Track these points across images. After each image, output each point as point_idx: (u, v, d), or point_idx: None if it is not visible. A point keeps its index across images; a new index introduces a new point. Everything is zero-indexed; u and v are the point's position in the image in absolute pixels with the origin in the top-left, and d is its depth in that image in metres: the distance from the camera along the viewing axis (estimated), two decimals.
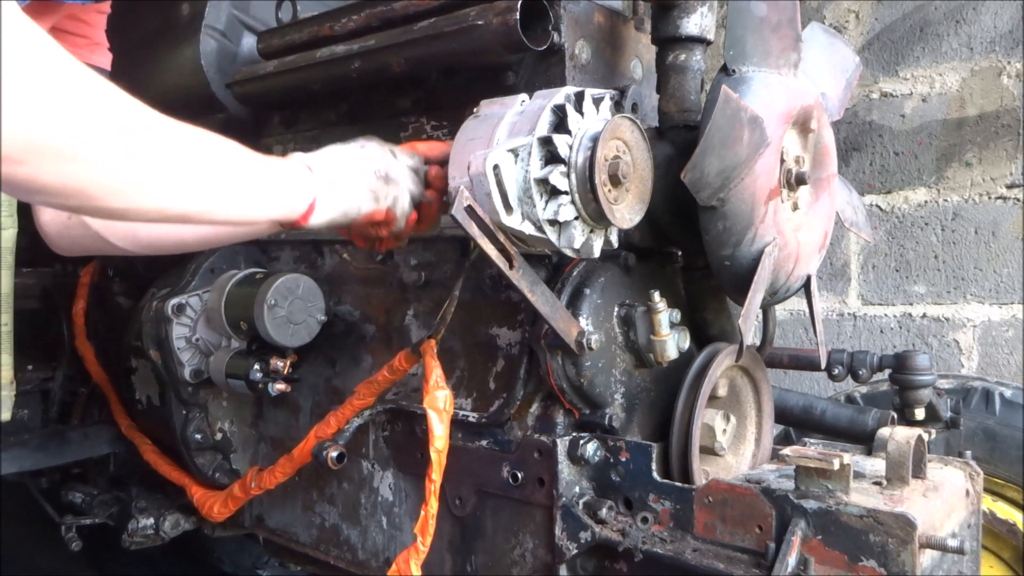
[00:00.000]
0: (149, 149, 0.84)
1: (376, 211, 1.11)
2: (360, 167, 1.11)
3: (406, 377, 1.39)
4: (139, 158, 0.83)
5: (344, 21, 1.51)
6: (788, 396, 1.57)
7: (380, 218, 1.13)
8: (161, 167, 0.85)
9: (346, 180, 1.08)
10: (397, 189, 1.13)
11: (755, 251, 1.16)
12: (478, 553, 1.34)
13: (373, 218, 1.12)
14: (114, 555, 2.53)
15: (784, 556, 0.99)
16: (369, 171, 1.11)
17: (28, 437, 1.97)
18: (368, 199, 1.10)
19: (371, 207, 1.10)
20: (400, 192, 1.13)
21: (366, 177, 1.10)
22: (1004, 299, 2.32)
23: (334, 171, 1.08)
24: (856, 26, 2.56)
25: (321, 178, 1.05)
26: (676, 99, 1.27)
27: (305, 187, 1.03)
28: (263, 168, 1.00)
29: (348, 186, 1.08)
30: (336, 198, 1.06)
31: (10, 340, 1.52)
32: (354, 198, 1.08)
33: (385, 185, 1.11)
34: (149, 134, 0.84)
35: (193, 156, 0.89)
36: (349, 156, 1.11)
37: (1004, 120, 2.31)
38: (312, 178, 1.04)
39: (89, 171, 0.79)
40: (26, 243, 1.54)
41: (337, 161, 1.09)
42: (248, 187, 0.97)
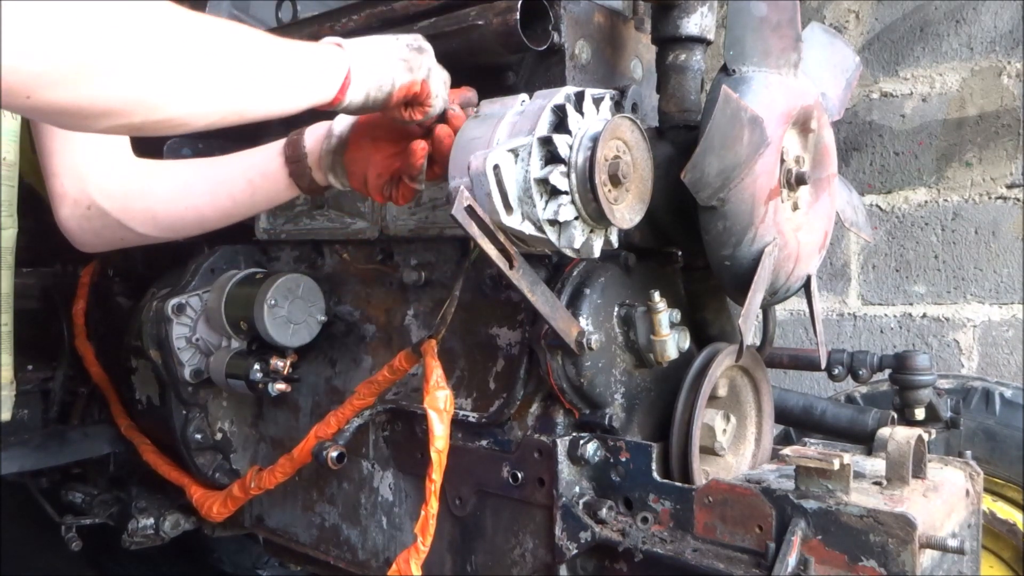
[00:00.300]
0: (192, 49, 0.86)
1: (412, 82, 1.08)
2: (391, 40, 1.10)
3: (406, 377, 1.39)
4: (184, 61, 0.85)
5: (344, 21, 1.51)
6: (788, 396, 1.57)
7: (416, 91, 1.09)
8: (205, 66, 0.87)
9: (378, 51, 1.07)
10: (430, 60, 1.11)
11: (755, 251, 1.16)
12: (478, 553, 1.34)
13: (410, 91, 1.09)
14: (114, 555, 2.53)
15: (784, 556, 0.99)
16: (400, 43, 1.10)
17: (28, 437, 1.97)
18: (402, 68, 1.07)
19: (406, 77, 1.08)
20: (433, 64, 1.11)
21: (398, 47, 1.09)
22: (1004, 299, 2.32)
23: (365, 45, 1.07)
24: (856, 26, 2.56)
25: (353, 52, 1.04)
26: (676, 99, 1.27)
27: (339, 61, 1.03)
28: (295, 49, 1.00)
29: (381, 56, 1.07)
30: (370, 69, 1.05)
31: (10, 340, 1.52)
32: (388, 68, 1.06)
33: (419, 55, 1.09)
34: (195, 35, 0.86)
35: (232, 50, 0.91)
36: (381, 37, 1.11)
37: (1004, 120, 2.31)
38: (344, 52, 1.04)
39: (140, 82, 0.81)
40: (26, 243, 1.54)
41: (368, 39, 1.09)
42: (283, 75, 0.97)
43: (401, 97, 1.09)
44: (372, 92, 1.06)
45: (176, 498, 1.90)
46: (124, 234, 1.31)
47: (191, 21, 0.87)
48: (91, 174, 1.26)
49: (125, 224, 1.29)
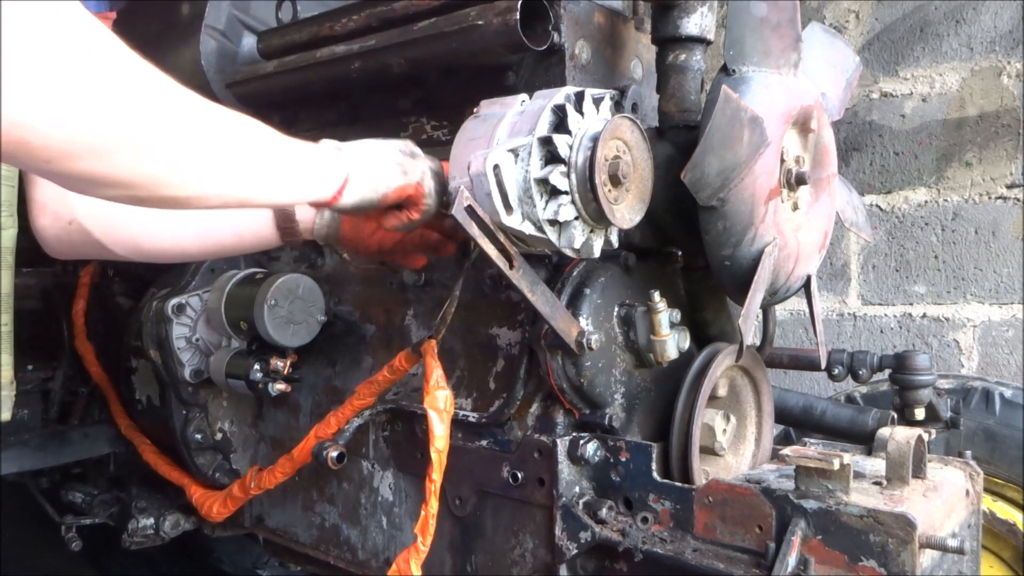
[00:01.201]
0: (212, 140, 0.89)
1: (406, 184, 1.12)
2: (386, 145, 1.14)
3: (406, 377, 1.39)
4: (204, 149, 0.88)
5: (344, 21, 1.51)
6: (788, 396, 1.57)
7: (411, 192, 1.14)
8: (221, 157, 0.90)
9: (374, 155, 1.11)
10: (424, 164, 1.15)
11: (755, 251, 1.16)
12: (478, 553, 1.34)
13: (403, 192, 1.13)
14: (114, 555, 2.53)
15: (784, 556, 0.99)
16: (394, 148, 1.14)
17: (28, 437, 1.97)
18: (397, 172, 1.12)
19: (400, 180, 1.12)
20: (426, 168, 1.15)
21: (393, 153, 1.13)
22: (1004, 299, 2.32)
23: (362, 149, 1.11)
24: (856, 26, 2.56)
25: (351, 155, 1.09)
26: (676, 99, 1.27)
27: (338, 164, 1.07)
28: (300, 149, 1.04)
29: (377, 161, 1.11)
30: (367, 173, 1.09)
31: (10, 340, 1.52)
32: (383, 172, 1.11)
33: (412, 160, 1.14)
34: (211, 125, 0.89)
35: (244, 144, 0.94)
36: (374, 140, 1.15)
37: (1004, 120, 2.31)
38: (343, 155, 1.08)
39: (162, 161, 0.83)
40: (26, 243, 1.54)
41: (364, 142, 1.13)
42: (289, 171, 1.01)
43: (395, 198, 1.13)
44: (367, 194, 1.10)
45: (176, 498, 1.90)
46: (103, 253, 1.31)
47: (212, 110, 0.90)
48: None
49: (106, 246, 1.29)
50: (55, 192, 1.26)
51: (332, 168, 1.06)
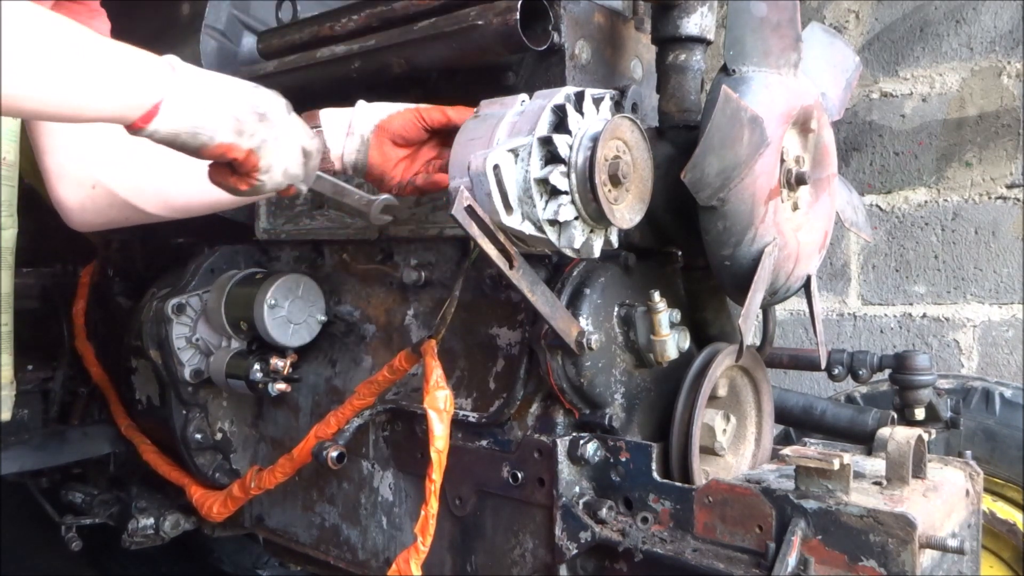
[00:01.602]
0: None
1: (233, 146, 0.94)
2: (237, 92, 0.96)
3: (406, 377, 1.39)
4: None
5: (344, 21, 1.51)
6: (788, 396, 1.57)
7: (238, 156, 0.96)
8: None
9: (210, 95, 0.93)
10: (272, 134, 0.98)
11: (755, 251, 1.16)
12: (478, 553, 1.34)
13: (228, 153, 0.95)
14: (114, 555, 2.53)
15: (784, 556, 0.98)
16: (244, 100, 0.96)
17: (28, 437, 1.97)
18: (228, 128, 0.94)
19: (228, 138, 0.94)
20: (275, 143, 0.98)
21: (236, 104, 0.95)
22: (1004, 299, 2.32)
23: (201, 81, 0.93)
24: (856, 26, 2.56)
25: (180, 81, 0.91)
26: (676, 99, 1.27)
27: (155, 82, 0.89)
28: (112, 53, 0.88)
29: (210, 103, 0.93)
30: (189, 109, 0.91)
31: (10, 340, 1.52)
32: (211, 119, 0.92)
33: (257, 123, 0.96)
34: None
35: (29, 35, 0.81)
36: (232, 81, 0.97)
37: (1004, 120, 2.31)
38: (168, 77, 0.90)
39: None
40: (26, 243, 1.54)
41: (213, 76, 0.95)
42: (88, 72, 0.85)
43: (217, 155, 0.96)
44: (183, 135, 0.92)
45: (176, 498, 1.90)
46: (130, 213, 1.22)
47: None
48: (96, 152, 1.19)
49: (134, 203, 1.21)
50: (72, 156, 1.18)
51: (145, 82, 0.88)
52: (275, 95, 1.02)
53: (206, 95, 0.93)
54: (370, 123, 1.24)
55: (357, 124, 1.24)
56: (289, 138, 1.00)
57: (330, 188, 1.21)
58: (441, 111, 1.23)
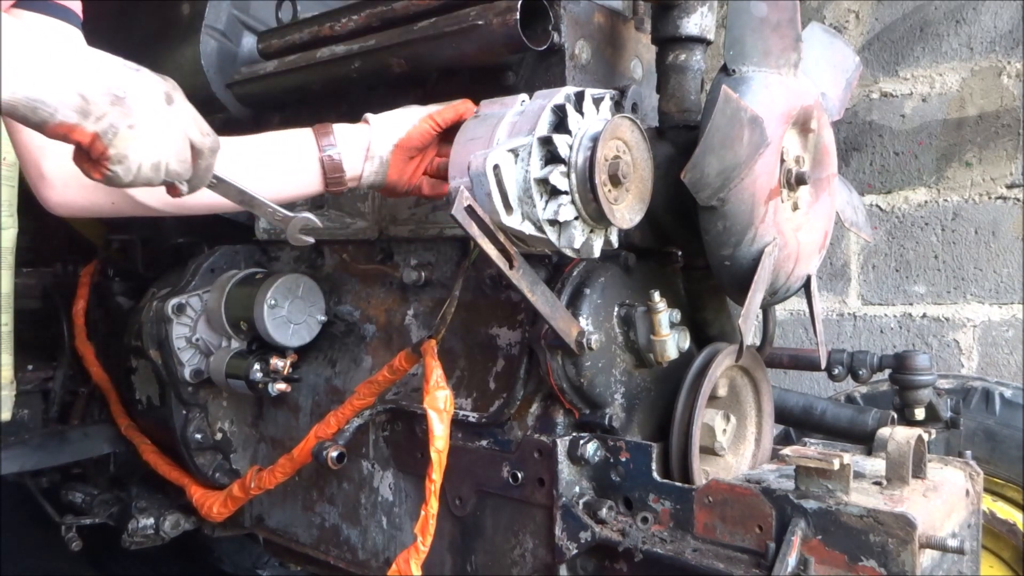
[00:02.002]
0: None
1: (76, 127, 0.82)
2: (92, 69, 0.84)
3: (406, 377, 1.39)
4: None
5: (344, 21, 1.51)
6: (788, 396, 1.57)
7: (80, 140, 0.84)
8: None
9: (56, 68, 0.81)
10: (128, 120, 0.85)
11: (755, 251, 1.16)
12: (478, 553, 1.34)
13: (70, 135, 0.83)
14: (114, 555, 2.53)
15: (784, 556, 0.98)
16: (98, 79, 0.83)
17: (28, 437, 1.97)
18: (71, 106, 0.81)
19: (70, 119, 0.81)
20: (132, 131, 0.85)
21: (86, 82, 0.82)
22: (1004, 299, 2.32)
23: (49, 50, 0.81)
24: (856, 26, 2.56)
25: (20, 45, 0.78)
26: (676, 99, 1.27)
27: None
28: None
29: (54, 76, 0.80)
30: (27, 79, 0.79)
31: (10, 340, 1.52)
32: (53, 93, 0.80)
33: (109, 105, 0.83)
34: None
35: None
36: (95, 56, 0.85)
37: (1004, 120, 2.31)
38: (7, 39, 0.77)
39: None
40: (26, 243, 1.54)
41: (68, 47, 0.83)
42: None
43: (59, 136, 0.84)
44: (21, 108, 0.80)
45: (176, 498, 1.90)
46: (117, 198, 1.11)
47: None
48: None
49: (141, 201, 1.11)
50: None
51: None
52: (154, 79, 0.88)
53: (51, 67, 0.80)
54: (389, 143, 1.23)
55: (376, 146, 1.23)
56: (159, 129, 0.87)
57: (236, 195, 1.05)
58: (452, 108, 1.23)
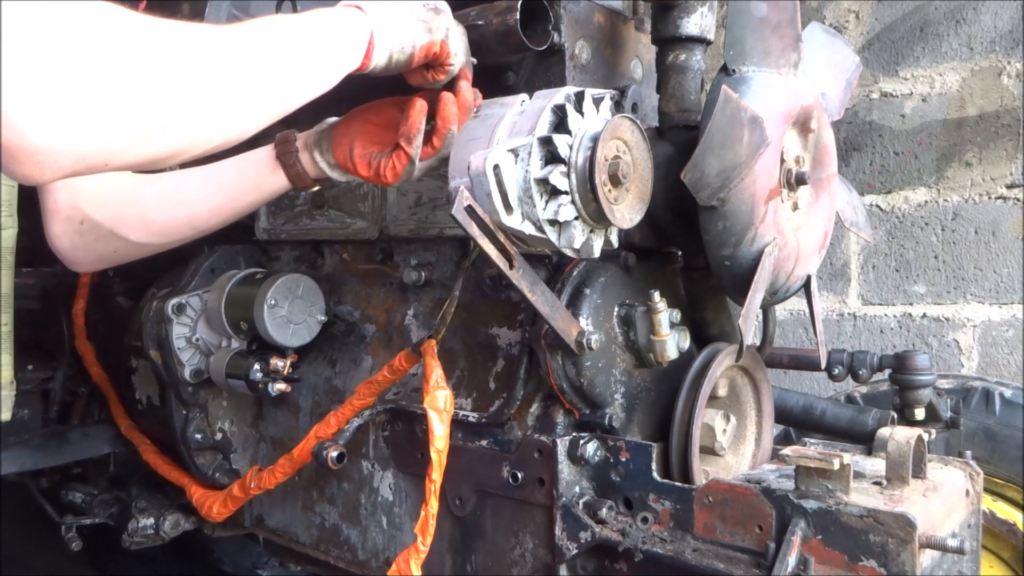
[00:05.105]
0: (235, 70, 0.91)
1: (431, 42, 1.09)
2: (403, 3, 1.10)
3: (406, 377, 1.39)
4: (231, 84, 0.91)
5: None
6: (788, 396, 1.57)
7: (436, 51, 1.10)
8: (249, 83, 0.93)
9: (398, 12, 1.08)
10: (448, 20, 1.12)
11: (755, 251, 1.16)
12: (478, 553, 1.34)
13: (430, 51, 1.10)
14: (114, 555, 2.54)
15: (784, 556, 0.98)
16: (418, 3, 1.11)
17: (28, 437, 1.97)
18: (422, 29, 1.09)
19: (425, 38, 1.09)
20: (451, 24, 1.12)
21: (416, 8, 1.10)
22: (1004, 299, 2.32)
23: (385, 5, 1.08)
24: (856, 26, 2.56)
25: (373, 13, 1.06)
26: (676, 99, 1.27)
27: (361, 26, 1.04)
28: (319, 26, 1.02)
29: (401, 17, 1.08)
30: (391, 31, 1.06)
31: (10, 340, 1.52)
32: (408, 29, 1.08)
33: (436, 15, 1.11)
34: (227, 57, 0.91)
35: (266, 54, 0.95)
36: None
37: (1004, 120, 2.31)
38: (364, 16, 1.05)
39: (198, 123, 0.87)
40: (26, 243, 1.54)
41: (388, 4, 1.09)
42: (316, 54, 1.00)
43: (422, 58, 1.10)
44: (395, 54, 1.07)
45: (176, 498, 1.90)
46: (117, 245, 1.30)
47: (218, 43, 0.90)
48: (84, 186, 1.27)
49: (118, 233, 1.29)
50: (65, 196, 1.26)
51: (356, 32, 1.04)
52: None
53: (395, 14, 1.07)
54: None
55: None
56: (453, 19, 1.14)
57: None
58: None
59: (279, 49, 0.98)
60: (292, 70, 0.99)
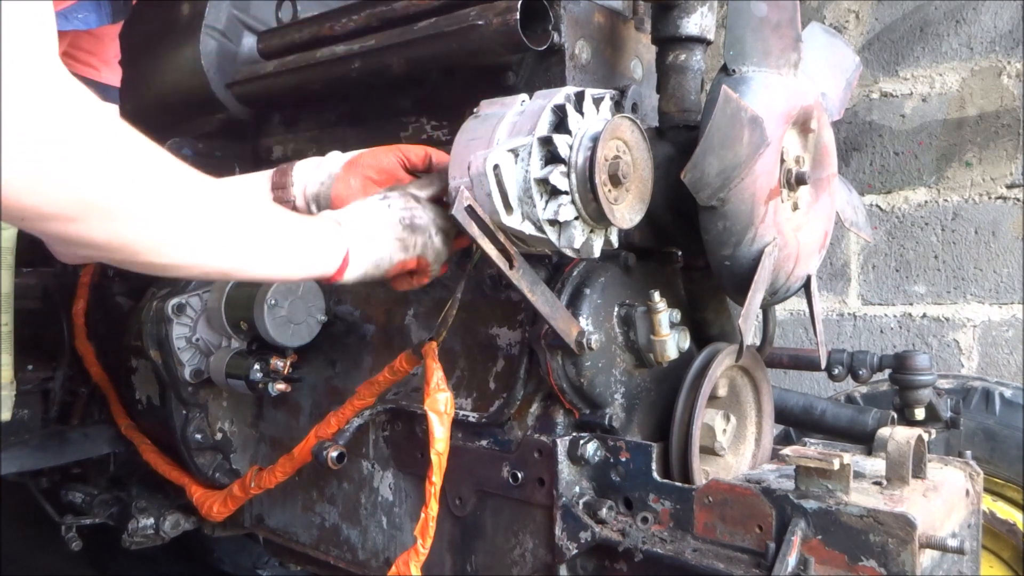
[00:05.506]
0: (193, 210, 0.87)
1: (407, 260, 1.13)
2: (385, 217, 1.12)
3: (406, 376, 1.39)
4: (183, 218, 0.86)
5: (344, 21, 1.51)
6: (788, 396, 1.57)
7: (412, 267, 1.15)
8: (203, 228, 0.89)
9: (373, 232, 1.10)
10: (424, 236, 1.14)
11: (755, 251, 1.16)
12: (478, 553, 1.34)
13: (405, 267, 1.14)
14: (114, 555, 2.53)
15: (784, 556, 0.99)
16: (394, 220, 1.12)
17: (28, 437, 1.97)
18: (397, 248, 1.12)
19: (400, 256, 1.12)
20: (427, 239, 1.15)
21: (392, 227, 1.12)
22: (1004, 299, 2.32)
23: (362, 224, 1.10)
24: (856, 26, 2.56)
25: (351, 232, 1.08)
26: (676, 99, 1.27)
27: (337, 242, 1.06)
28: (297, 227, 1.03)
29: (376, 237, 1.10)
30: (367, 251, 1.09)
31: (10, 340, 1.52)
32: (383, 248, 1.10)
33: (412, 234, 1.13)
34: (193, 195, 0.87)
35: (231, 217, 0.93)
36: (374, 208, 1.13)
37: (1004, 120, 2.31)
38: (342, 232, 1.07)
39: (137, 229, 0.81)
40: (26, 243, 1.54)
41: (363, 214, 1.11)
42: (284, 246, 1.00)
43: (397, 271, 1.14)
44: (370, 270, 1.10)
45: (176, 498, 1.90)
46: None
47: (195, 182, 0.88)
48: None
49: None
50: None
51: (331, 247, 1.05)
52: (402, 197, 1.16)
53: (371, 234, 1.10)
54: (340, 161, 1.26)
55: (327, 163, 1.28)
56: (434, 228, 1.16)
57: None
58: (424, 150, 1.24)
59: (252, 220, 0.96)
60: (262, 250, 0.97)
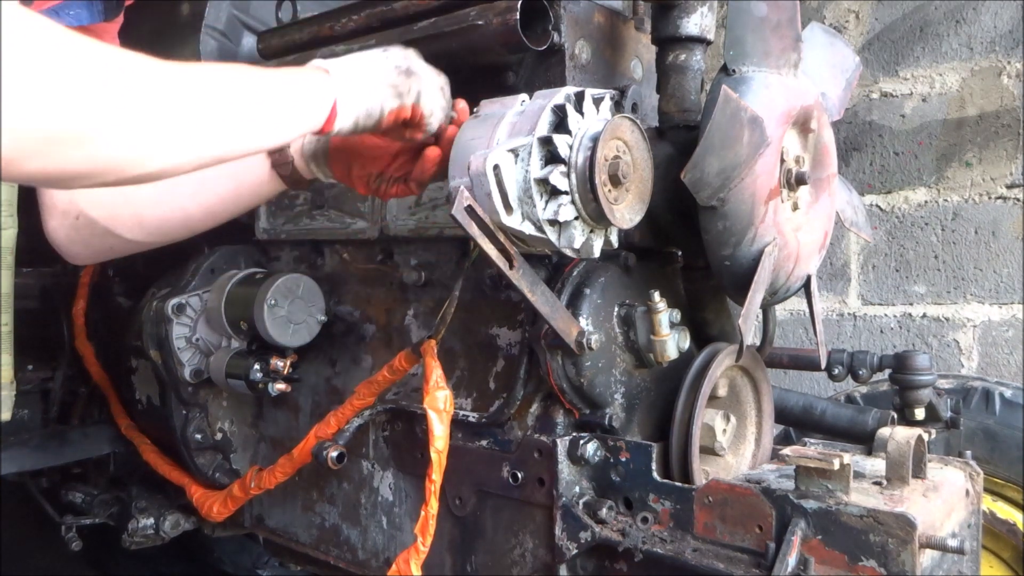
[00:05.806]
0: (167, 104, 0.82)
1: (401, 107, 1.07)
2: (379, 63, 1.08)
3: (406, 377, 1.39)
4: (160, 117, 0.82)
5: (344, 21, 1.51)
6: (788, 396, 1.57)
7: (407, 116, 1.09)
8: (183, 118, 0.85)
9: (365, 77, 1.05)
10: (420, 83, 1.09)
11: (755, 251, 1.16)
12: (478, 553, 1.34)
13: (400, 116, 1.08)
14: (114, 555, 2.53)
15: (784, 556, 0.99)
16: (389, 66, 1.08)
17: (28, 437, 1.97)
18: (390, 95, 1.06)
19: (394, 103, 1.07)
20: (424, 87, 1.09)
21: (386, 72, 1.07)
22: (1004, 299, 2.32)
23: (352, 69, 1.05)
24: (856, 26, 2.56)
25: (339, 78, 1.03)
26: (676, 99, 1.27)
27: (325, 90, 1.01)
28: (280, 83, 0.98)
29: (368, 81, 1.05)
30: (357, 96, 1.03)
31: (10, 340, 1.52)
32: (376, 94, 1.05)
33: (407, 78, 1.08)
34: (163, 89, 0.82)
35: (210, 96, 0.88)
36: (368, 55, 1.09)
37: (1004, 120, 2.31)
38: (330, 79, 1.02)
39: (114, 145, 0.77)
40: (26, 243, 1.54)
41: (355, 60, 1.07)
42: (268, 107, 0.96)
43: (391, 121, 1.08)
44: (361, 119, 1.05)
45: (176, 498, 1.90)
46: (112, 242, 1.30)
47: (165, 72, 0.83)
48: None
49: (113, 231, 1.28)
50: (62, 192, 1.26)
51: (319, 95, 1.00)
52: (401, 48, 1.11)
53: (362, 78, 1.04)
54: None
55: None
56: (431, 79, 1.11)
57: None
58: None
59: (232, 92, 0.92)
60: (246, 118, 0.94)
